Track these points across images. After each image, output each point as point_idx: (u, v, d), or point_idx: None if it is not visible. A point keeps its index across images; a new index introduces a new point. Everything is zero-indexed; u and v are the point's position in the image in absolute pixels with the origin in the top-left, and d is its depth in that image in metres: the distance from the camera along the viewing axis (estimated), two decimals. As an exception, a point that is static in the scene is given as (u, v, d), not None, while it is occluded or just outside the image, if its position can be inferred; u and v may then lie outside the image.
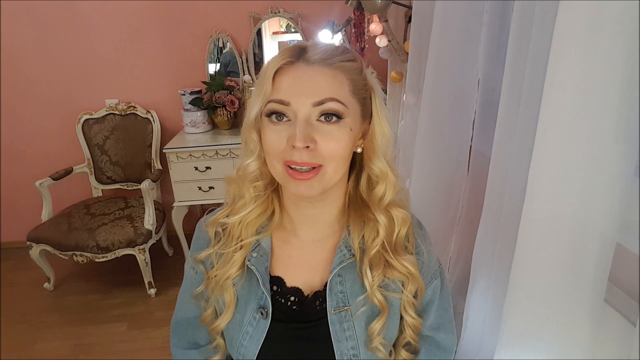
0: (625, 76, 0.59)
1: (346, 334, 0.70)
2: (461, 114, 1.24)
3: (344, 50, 0.66)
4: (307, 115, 0.61)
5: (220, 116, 2.51)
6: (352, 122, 0.63)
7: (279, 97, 0.61)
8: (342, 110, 0.62)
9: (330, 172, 0.63)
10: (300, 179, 0.62)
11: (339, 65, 0.63)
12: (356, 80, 0.64)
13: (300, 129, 0.60)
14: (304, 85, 0.61)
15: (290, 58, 0.62)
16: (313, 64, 0.62)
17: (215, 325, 0.73)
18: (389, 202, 0.70)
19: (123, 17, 2.51)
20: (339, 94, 0.62)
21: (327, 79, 0.62)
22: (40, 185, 2.35)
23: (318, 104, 0.60)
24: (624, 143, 0.62)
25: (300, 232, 0.73)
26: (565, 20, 0.62)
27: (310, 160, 0.61)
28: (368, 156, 0.69)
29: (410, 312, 0.73)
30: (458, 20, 1.16)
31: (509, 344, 0.84)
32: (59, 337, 2.12)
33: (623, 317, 0.72)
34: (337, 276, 0.70)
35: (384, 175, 0.69)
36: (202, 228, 0.77)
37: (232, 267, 0.71)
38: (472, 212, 1.29)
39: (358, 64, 0.66)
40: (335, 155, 0.62)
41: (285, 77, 0.62)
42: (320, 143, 0.61)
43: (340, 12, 2.45)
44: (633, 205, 0.71)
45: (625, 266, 0.73)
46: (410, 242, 0.73)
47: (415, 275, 0.70)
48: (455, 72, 1.21)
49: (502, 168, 0.94)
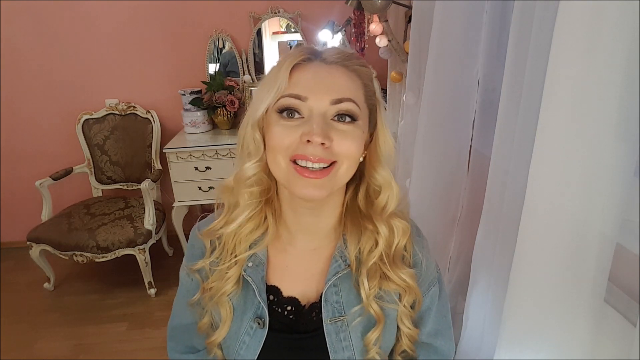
0: (625, 76, 0.59)
1: (342, 344, 0.69)
2: (461, 114, 1.24)
3: (357, 56, 0.66)
4: (324, 112, 0.60)
5: (220, 116, 2.51)
6: (363, 126, 0.64)
7: (295, 92, 0.60)
8: (358, 112, 0.62)
9: (342, 170, 0.62)
10: (310, 177, 0.59)
11: (356, 68, 0.64)
12: (369, 87, 0.65)
13: (318, 124, 0.58)
14: (324, 82, 0.61)
15: (308, 55, 0.62)
16: (331, 63, 0.62)
17: (212, 339, 0.72)
18: (390, 213, 0.69)
19: (123, 17, 2.51)
20: (356, 96, 0.62)
21: (346, 78, 0.62)
22: (40, 185, 2.35)
23: (337, 102, 0.60)
24: (624, 143, 0.61)
25: (296, 240, 0.72)
26: (565, 20, 0.62)
27: (325, 156, 0.59)
28: (371, 165, 0.68)
29: (407, 323, 0.72)
30: (458, 20, 1.16)
31: (509, 344, 0.84)
32: (59, 337, 2.12)
33: (623, 317, 0.72)
34: (332, 286, 0.69)
35: (387, 184, 0.68)
36: (197, 236, 0.74)
37: (227, 283, 0.70)
38: (472, 212, 1.29)
39: (370, 72, 0.67)
40: (350, 154, 0.61)
41: (303, 72, 0.61)
42: (336, 141, 0.60)
43: (340, 12, 2.46)
44: (633, 205, 0.71)
45: (625, 266, 0.73)
46: (408, 251, 0.72)
47: (412, 287, 0.70)
48: (455, 72, 1.21)
49: (502, 168, 0.94)
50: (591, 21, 0.59)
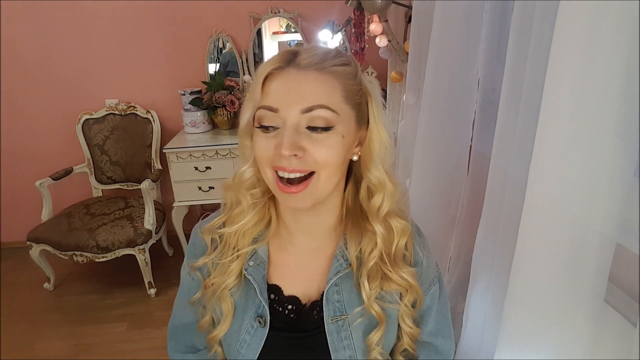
0: (625, 76, 0.59)
1: (344, 343, 0.69)
2: (461, 114, 1.24)
3: (337, 54, 0.63)
4: (296, 122, 0.59)
5: (220, 116, 2.51)
6: (344, 130, 0.61)
7: (267, 104, 0.60)
8: (332, 118, 0.59)
9: (323, 179, 0.61)
10: (289, 192, 0.60)
11: (331, 69, 0.60)
12: (349, 85, 0.61)
13: (288, 137, 0.58)
14: (293, 91, 0.59)
15: (280, 63, 0.60)
16: (303, 69, 0.60)
17: (214, 335, 0.72)
18: (388, 212, 0.68)
19: (123, 17, 2.51)
20: (330, 101, 0.59)
21: (317, 84, 0.59)
22: (40, 185, 2.35)
23: (307, 110, 0.58)
24: (624, 143, 0.61)
25: (296, 240, 0.72)
26: (565, 20, 0.62)
27: (300, 167, 0.59)
28: (365, 164, 0.66)
29: (408, 322, 0.72)
30: (458, 20, 1.16)
31: (509, 344, 0.84)
32: (59, 337, 2.12)
33: (623, 317, 0.72)
34: (334, 285, 0.69)
35: (381, 185, 0.66)
36: (198, 235, 0.75)
37: (229, 277, 0.70)
38: (472, 212, 1.29)
39: (352, 68, 0.63)
40: (328, 163, 0.60)
41: (275, 82, 0.60)
42: (311, 150, 0.59)
43: (340, 12, 2.46)
44: (633, 205, 0.71)
45: (625, 266, 0.73)
46: (409, 250, 0.72)
47: (413, 286, 0.69)
48: (455, 72, 1.21)
49: (502, 168, 0.94)
50: (591, 21, 0.59)
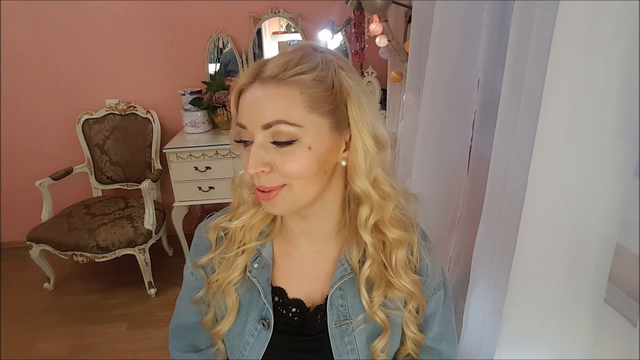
0: (625, 76, 0.59)
1: (347, 348, 0.69)
2: (461, 114, 1.24)
3: (300, 59, 0.58)
4: (261, 139, 0.58)
5: (220, 116, 2.51)
6: (311, 140, 0.58)
7: (239, 121, 0.60)
8: (294, 132, 0.57)
9: (297, 189, 0.60)
10: (262, 198, 0.61)
11: (291, 80, 0.57)
12: (315, 94, 0.57)
13: (252, 155, 0.58)
14: (256, 108, 0.58)
15: (248, 79, 0.60)
16: (264, 83, 0.58)
17: (217, 329, 0.72)
18: (380, 222, 0.66)
19: (123, 17, 2.51)
20: (290, 114, 0.57)
21: (274, 99, 0.57)
22: (40, 185, 2.35)
23: (266, 127, 0.58)
24: (624, 143, 0.61)
25: (300, 243, 0.72)
26: (565, 20, 0.62)
27: (270, 184, 0.59)
28: (349, 174, 0.64)
29: (412, 328, 0.72)
30: (458, 20, 1.16)
31: (509, 344, 0.84)
32: (59, 337, 2.12)
33: (623, 317, 0.72)
34: (338, 290, 0.69)
35: (365, 196, 0.63)
36: (202, 234, 0.75)
37: (234, 271, 0.70)
38: (472, 212, 1.29)
39: (317, 73, 0.58)
40: (297, 174, 0.59)
41: (243, 98, 0.60)
42: (278, 164, 0.59)
43: (340, 12, 2.46)
44: (633, 205, 0.71)
45: (625, 266, 0.73)
46: (414, 255, 0.71)
47: (417, 294, 0.69)
48: (455, 72, 1.21)
49: (502, 168, 0.94)
50: (591, 21, 0.59)
